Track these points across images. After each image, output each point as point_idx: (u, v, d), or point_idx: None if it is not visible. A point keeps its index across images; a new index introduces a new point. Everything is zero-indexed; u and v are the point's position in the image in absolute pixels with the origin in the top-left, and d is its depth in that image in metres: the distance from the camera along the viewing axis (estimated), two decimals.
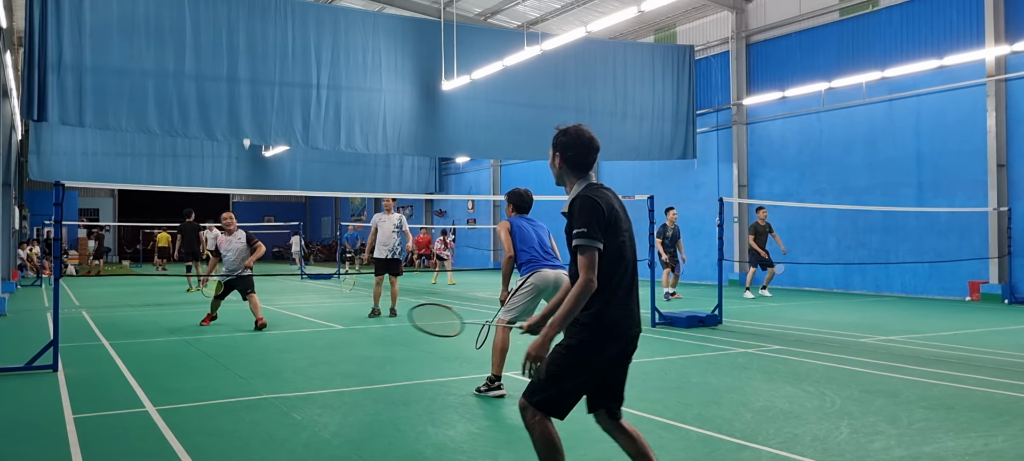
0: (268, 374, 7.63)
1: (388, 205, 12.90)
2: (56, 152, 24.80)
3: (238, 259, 11.43)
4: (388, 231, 12.70)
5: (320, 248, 45.45)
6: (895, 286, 17.45)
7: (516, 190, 7.49)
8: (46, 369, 7.55)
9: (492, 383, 6.53)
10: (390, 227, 12.72)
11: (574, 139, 3.56)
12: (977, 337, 10.08)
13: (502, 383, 6.55)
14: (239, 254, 11.42)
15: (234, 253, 11.42)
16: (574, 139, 3.56)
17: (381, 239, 12.74)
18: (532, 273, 6.62)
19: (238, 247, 11.44)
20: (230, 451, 4.88)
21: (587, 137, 3.58)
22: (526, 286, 6.57)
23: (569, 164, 3.57)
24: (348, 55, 16.69)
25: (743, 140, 21.19)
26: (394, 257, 12.82)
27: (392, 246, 12.73)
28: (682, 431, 5.29)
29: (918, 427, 5.35)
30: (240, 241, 11.49)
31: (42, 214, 33.62)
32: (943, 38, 16.49)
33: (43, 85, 13.38)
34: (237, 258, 11.43)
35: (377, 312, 12.86)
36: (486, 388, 6.55)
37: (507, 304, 6.63)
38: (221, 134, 15.42)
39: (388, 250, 12.73)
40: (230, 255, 11.43)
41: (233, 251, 11.43)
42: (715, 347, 9.15)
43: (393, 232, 12.72)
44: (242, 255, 11.42)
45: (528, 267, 6.70)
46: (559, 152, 3.58)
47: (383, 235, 12.73)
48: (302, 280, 24.50)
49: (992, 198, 15.63)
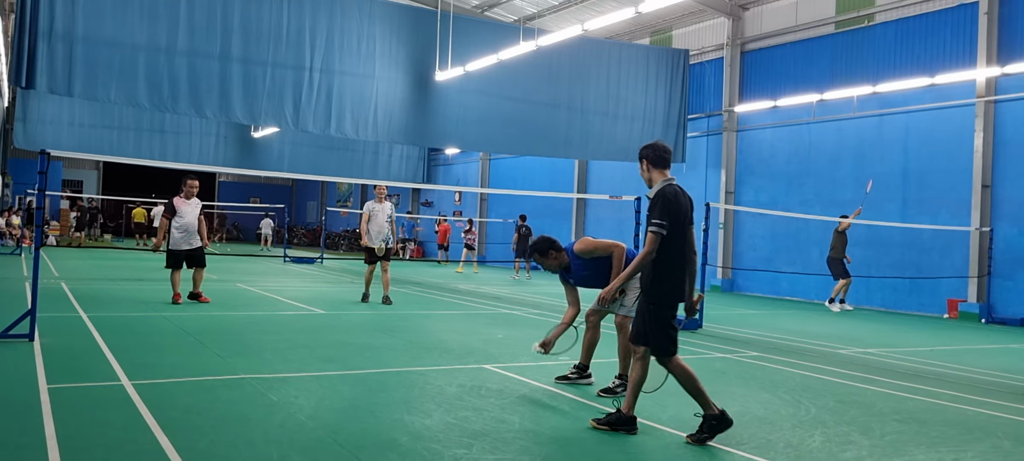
0: (246, 354, 7.60)
1: (381, 194, 13.02)
2: (42, 121, 24.52)
3: (189, 229, 11.45)
4: (382, 221, 12.82)
5: (304, 232, 45.27)
6: (875, 300, 17.59)
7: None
8: (22, 338, 7.49)
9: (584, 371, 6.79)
10: (383, 217, 12.84)
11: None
12: (953, 354, 10.18)
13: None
14: (192, 224, 11.49)
15: (188, 219, 11.45)
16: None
17: (375, 228, 12.81)
18: None
19: (193, 216, 11.51)
20: (204, 428, 4.86)
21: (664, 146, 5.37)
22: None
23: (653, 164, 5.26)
24: (343, 40, 16.59)
25: (733, 147, 21.27)
26: (387, 246, 12.91)
27: (385, 235, 12.83)
28: (658, 432, 5.32)
29: (890, 439, 5.40)
30: (196, 210, 11.57)
31: (25, 183, 33.30)
32: (935, 57, 16.61)
33: (33, 52, 13.23)
34: (188, 226, 11.44)
35: (367, 298, 13.00)
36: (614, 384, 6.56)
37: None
38: (211, 112, 15.30)
39: (381, 239, 12.81)
40: (184, 221, 11.42)
41: (188, 218, 11.45)
42: (694, 351, 9.19)
43: (386, 222, 12.84)
44: (194, 226, 11.51)
45: None
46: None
47: (377, 224, 12.80)
48: (285, 263, 24.41)
49: (975, 218, 15.78)
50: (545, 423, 5.39)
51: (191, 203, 11.54)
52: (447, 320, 11.41)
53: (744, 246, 21.06)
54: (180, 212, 11.42)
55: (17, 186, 35.53)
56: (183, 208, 11.45)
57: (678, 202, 5.06)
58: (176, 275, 11.53)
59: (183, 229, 11.41)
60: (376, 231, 12.80)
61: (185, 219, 11.41)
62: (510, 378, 6.90)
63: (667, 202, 5.01)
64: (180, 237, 11.45)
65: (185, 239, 11.45)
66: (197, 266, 11.66)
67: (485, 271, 25.75)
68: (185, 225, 11.41)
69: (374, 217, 12.83)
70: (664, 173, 5.21)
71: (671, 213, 5.00)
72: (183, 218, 11.40)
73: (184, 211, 11.45)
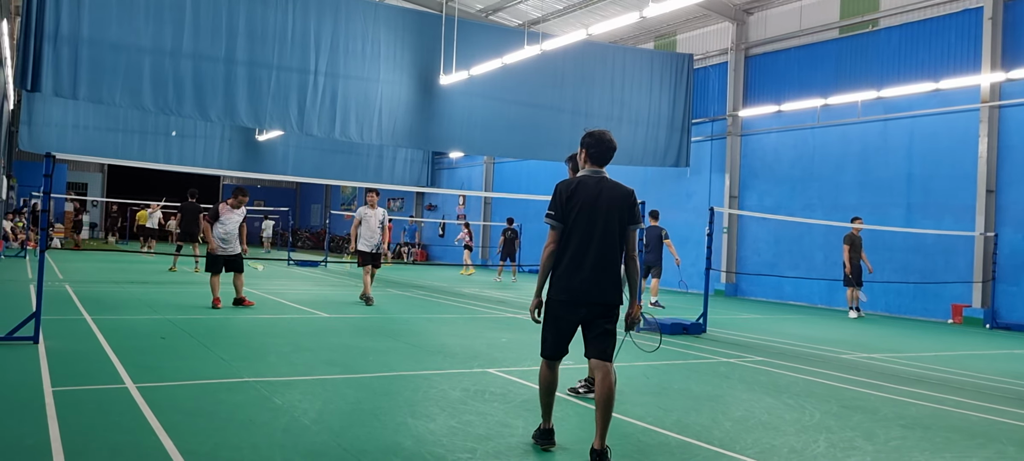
0: (250, 357, 7.61)
1: (372, 200, 13.35)
2: (48, 124, 24.59)
3: (230, 236, 11.84)
4: (374, 226, 13.18)
5: (308, 235, 45.30)
6: (879, 305, 17.55)
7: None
8: (27, 341, 7.51)
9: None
10: (375, 222, 13.19)
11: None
12: (958, 359, 10.16)
13: None
14: (234, 231, 11.90)
15: (231, 227, 11.84)
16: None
17: (366, 234, 13.18)
18: None
19: (236, 225, 11.92)
20: (209, 431, 4.87)
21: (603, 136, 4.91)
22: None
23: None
24: (347, 43, 16.63)
25: (736, 151, 21.26)
26: (378, 251, 13.30)
27: (377, 241, 13.21)
28: (661, 436, 5.31)
29: (894, 445, 5.39)
30: (240, 218, 11.99)
31: (30, 185, 33.39)
32: (940, 62, 16.59)
33: (38, 55, 13.28)
34: (231, 234, 11.84)
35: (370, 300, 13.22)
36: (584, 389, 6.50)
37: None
38: (215, 115, 15.34)
39: (373, 244, 13.18)
40: (226, 227, 11.79)
41: (230, 226, 11.83)
42: (698, 355, 9.18)
43: (378, 228, 13.19)
44: (235, 233, 11.93)
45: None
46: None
47: (368, 230, 13.17)
48: (289, 266, 24.43)
49: (979, 223, 15.74)
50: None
51: (239, 212, 11.97)
52: (451, 324, 11.40)
53: (748, 251, 21.03)
54: (224, 220, 11.80)
55: (22, 188, 35.60)
56: (230, 216, 11.83)
57: (573, 194, 4.69)
58: (215, 280, 11.77)
59: (225, 236, 11.82)
60: (368, 236, 13.14)
61: (228, 226, 11.83)
62: (514, 382, 6.90)
63: (555, 193, 4.74)
64: (222, 243, 11.76)
65: (226, 245, 11.83)
66: (236, 271, 11.93)
67: (484, 274, 25.73)
68: (228, 232, 11.85)
69: (366, 222, 13.17)
70: (594, 167, 4.83)
71: (556, 204, 4.70)
72: (226, 226, 11.81)
73: (230, 219, 11.83)
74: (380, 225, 13.19)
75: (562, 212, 4.68)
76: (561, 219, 4.69)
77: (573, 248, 4.65)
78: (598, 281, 4.62)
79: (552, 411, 4.89)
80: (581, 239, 4.65)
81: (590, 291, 4.62)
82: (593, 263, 4.63)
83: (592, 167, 4.84)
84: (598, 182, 4.76)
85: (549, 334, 4.74)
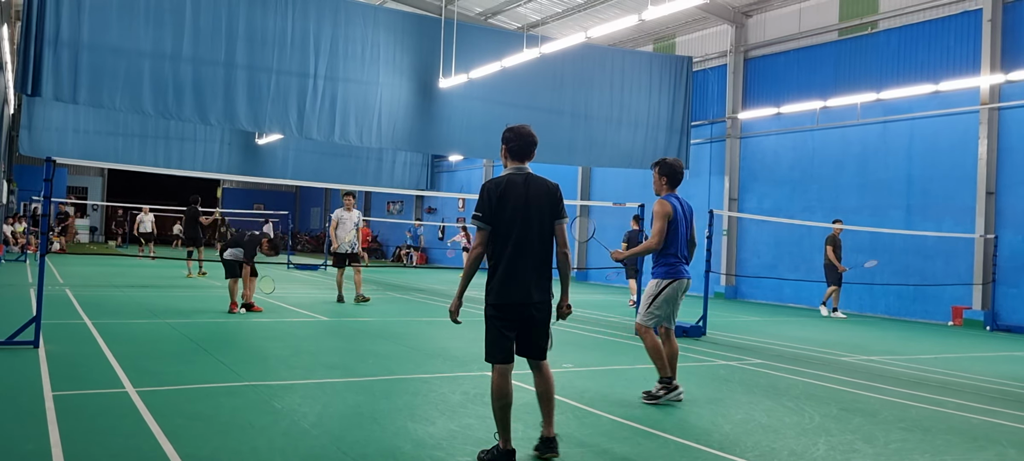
0: (250, 361, 7.62)
1: (349, 203, 14.35)
2: (48, 128, 24.57)
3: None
4: (349, 228, 14.15)
5: (308, 239, 45.29)
6: (879, 307, 17.55)
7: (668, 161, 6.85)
8: (27, 345, 7.51)
9: (669, 384, 6.49)
10: (350, 224, 14.15)
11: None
12: (958, 362, 10.16)
13: (676, 382, 6.54)
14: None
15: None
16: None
17: (342, 235, 14.12)
18: (673, 280, 6.56)
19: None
20: (208, 435, 4.87)
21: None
22: (667, 292, 6.56)
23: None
24: (347, 47, 16.63)
25: (736, 154, 21.27)
26: (353, 251, 14.20)
27: (351, 241, 14.12)
28: (661, 439, 5.31)
29: (894, 447, 5.39)
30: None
31: (31, 189, 33.35)
32: (939, 64, 16.60)
33: (39, 60, 13.28)
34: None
35: (342, 299, 14.04)
36: (664, 391, 6.42)
37: (647, 311, 6.60)
38: (215, 119, 15.34)
39: (348, 245, 14.10)
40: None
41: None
42: (697, 358, 9.18)
43: (353, 229, 14.14)
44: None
45: (668, 271, 6.58)
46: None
47: (344, 231, 14.14)
48: (289, 270, 24.43)
49: (979, 225, 15.75)
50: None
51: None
52: (450, 327, 11.35)
53: (747, 253, 21.04)
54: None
55: (22, 192, 35.59)
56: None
57: (503, 195, 4.60)
58: (234, 284, 11.80)
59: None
60: (343, 236, 14.06)
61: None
62: (514, 386, 6.88)
63: (482, 194, 4.62)
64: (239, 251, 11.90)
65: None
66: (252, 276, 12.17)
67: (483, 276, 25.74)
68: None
69: (342, 224, 14.13)
70: (517, 163, 4.78)
71: (485, 205, 4.59)
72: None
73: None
74: (355, 226, 14.12)
75: (491, 214, 4.59)
76: (490, 221, 4.60)
77: (511, 252, 4.58)
78: (538, 283, 4.63)
79: (510, 428, 4.60)
80: (517, 243, 4.58)
81: (531, 293, 4.60)
82: (532, 265, 4.61)
83: (515, 164, 4.77)
84: (524, 180, 4.70)
85: (495, 339, 4.60)
